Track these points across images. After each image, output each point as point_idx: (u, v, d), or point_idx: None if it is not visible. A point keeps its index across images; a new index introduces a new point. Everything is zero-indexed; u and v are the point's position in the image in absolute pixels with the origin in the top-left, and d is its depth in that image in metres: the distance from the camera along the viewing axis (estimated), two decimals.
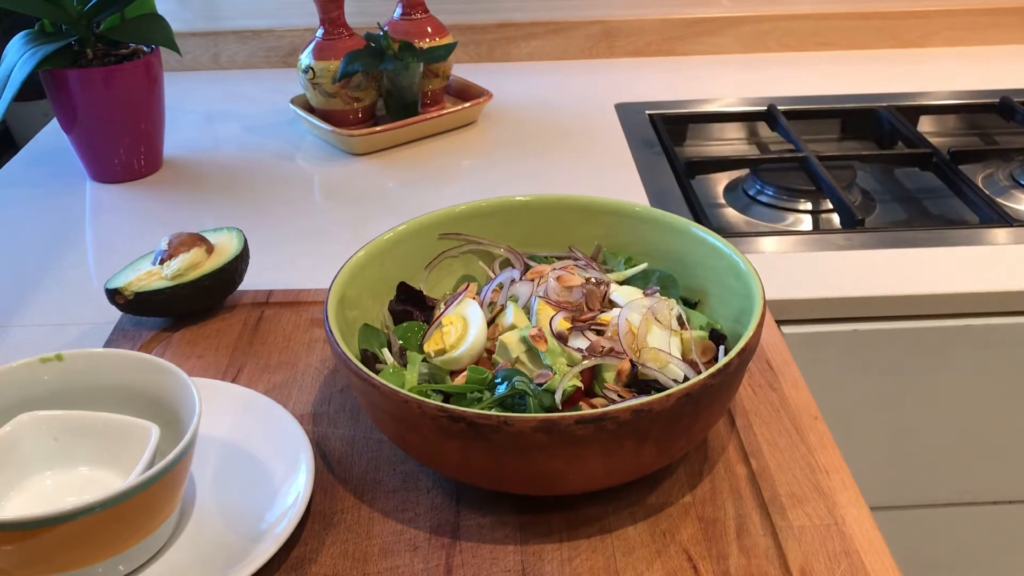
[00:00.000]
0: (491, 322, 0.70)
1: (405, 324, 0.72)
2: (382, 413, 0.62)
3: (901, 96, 1.34)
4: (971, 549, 1.07)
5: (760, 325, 0.62)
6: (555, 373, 0.64)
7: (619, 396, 0.63)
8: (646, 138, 1.23)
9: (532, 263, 0.77)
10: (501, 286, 0.73)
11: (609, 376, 0.64)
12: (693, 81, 1.41)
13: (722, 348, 0.67)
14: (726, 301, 0.71)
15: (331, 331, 0.63)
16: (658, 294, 0.71)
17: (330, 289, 0.67)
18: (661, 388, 0.62)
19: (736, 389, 0.66)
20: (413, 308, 0.74)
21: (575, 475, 0.59)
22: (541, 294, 0.70)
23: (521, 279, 0.74)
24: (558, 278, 0.71)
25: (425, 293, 0.76)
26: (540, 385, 0.63)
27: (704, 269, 0.73)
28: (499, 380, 0.63)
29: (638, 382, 0.64)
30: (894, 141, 1.28)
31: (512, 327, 0.68)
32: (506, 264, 0.78)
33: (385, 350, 0.70)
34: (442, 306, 0.73)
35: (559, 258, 0.78)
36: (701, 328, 0.69)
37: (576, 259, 0.77)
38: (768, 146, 1.34)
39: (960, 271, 0.92)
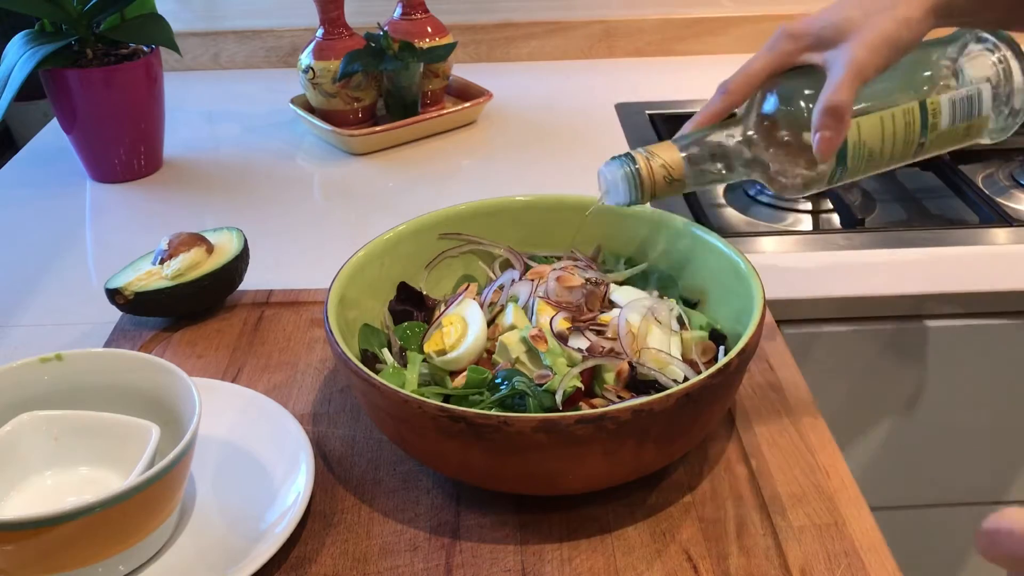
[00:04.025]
0: (491, 322, 0.70)
1: (405, 324, 0.72)
2: (382, 413, 0.62)
3: None
4: (971, 549, 1.07)
5: (760, 325, 0.62)
6: (555, 373, 0.64)
7: (619, 397, 0.63)
8: (646, 138, 1.23)
9: (532, 263, 0.77)
10: (502, 287, 0.73)
11: (609, 377, 0.64)
12: (693, 81, 1.41)
13: (722, 348, 0.67)
14: (726, 301, 0.71)
15: (331, 331, 0.63)
16: (656, 295, 0.71)
17: (330, 289, 0.67)
18: (661, 388, 0.62)
19: (736, 389, 0.66)
20: (413, 308, 0.74)
21: (575, 475, 0.59)
22: (541, 294, 0.70)
23: (521, 279, 0.74)
24: (558, 278, 0.71)
25: (425, 293, 0.76)
26: (540, 385, 0.63)
27: (704, 269, 0.73)
28: (499, 380, 0.63)
29: (637, 383, 0.64)
30: None
31: (512, 327, 0.68)
32: (506, 265, 0.78)
33: (385, 350, 0.70)
34: (442, 306, 0.73)
35: (559, 258, 0.78)
36: (701, 328, 0.69)
37: (576, 259, 0.77)
38: None
39: (960, 271, 0.92)
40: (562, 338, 0.66)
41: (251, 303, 0.86)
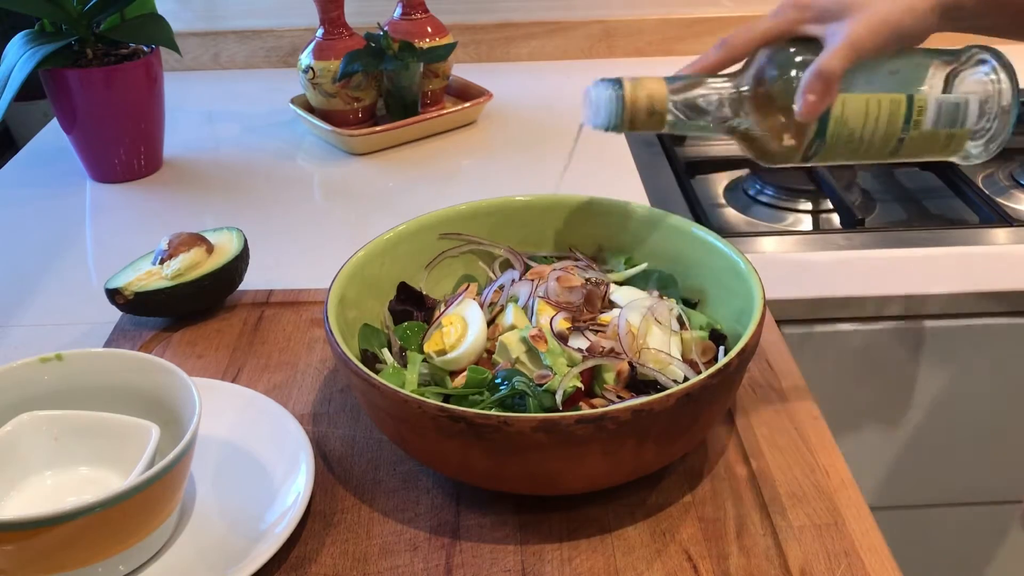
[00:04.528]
0: (491, 322, 0.70)
1: (405, 324, 0.72)
2: (382, 413, 0.62)
3: None
4: (971, 549, 1.07)
5: (760, 325, 0.62)
6: (555, 373, 0.64)
7: (619, 397, 0.63)
8: (646, 138, 1.23)
9: (532, 263, 0.76)
10: (502, 287, 0.73)
11: (609, 377, 0.64)
12: None
13: (722, 348, 0.67)
14: (726, 301, 0.71)
15: (331, 331, 0.63)
16: (656, 295, 0.71)
17: (330, 289, 0.67)
18: (661, 389, 0.62)
19: (736, 389, 0.66)
20: (413, 308, 0.74)
21: (575, 475, 0.59)
22: (541, 294, 0.70)
23: (521, 279, 0.73)
24: (558, 279, 0.71)
25: (425, 293, 0.76)
26: (540, 385, 0.63)
27: (704, 269, 0.73)
28: (499, 380, 0.63)
29: (637, 383, 0.64)
30: None
31: (512, 327, 0.68)
32: (506, 265, 0.78)
33: (385, 350, 0.70)
34: (442, 306, 0.73)
35: (559, 258, 0.78)
36: (701, 328, 0.69)
37: (576, 259, 0.77)
38: None
39: (960, 271, 0.92)
40: (562, 338, 0.66)
41: (251, 303, 0.86)
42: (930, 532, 1.05)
